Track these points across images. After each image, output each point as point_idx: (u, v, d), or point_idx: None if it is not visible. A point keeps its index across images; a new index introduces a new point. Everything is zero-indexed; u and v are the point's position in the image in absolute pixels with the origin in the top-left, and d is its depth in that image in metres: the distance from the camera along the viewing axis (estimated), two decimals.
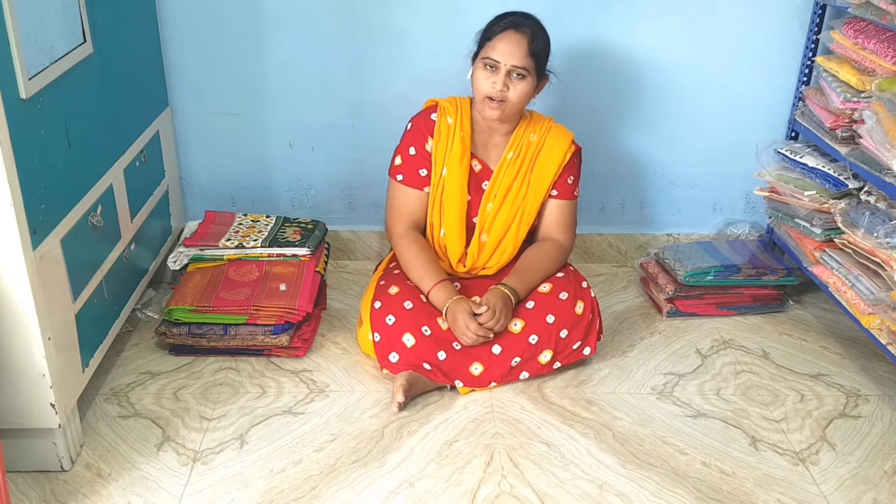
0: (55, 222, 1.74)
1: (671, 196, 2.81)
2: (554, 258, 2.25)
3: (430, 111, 2.25)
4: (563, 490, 1.82)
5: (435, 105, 2.26)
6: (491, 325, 2.08)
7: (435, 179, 2.24)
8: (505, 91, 2.10)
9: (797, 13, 2.55)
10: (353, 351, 2.31)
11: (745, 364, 2.31)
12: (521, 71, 2.09)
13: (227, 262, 2.42)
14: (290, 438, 1.97)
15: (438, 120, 2.23)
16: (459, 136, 2.21)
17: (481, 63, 2.12)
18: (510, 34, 2.09)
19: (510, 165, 2.23)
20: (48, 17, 1.71)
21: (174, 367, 2.23)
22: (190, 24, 2.51)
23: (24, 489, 1.78)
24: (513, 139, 2.23)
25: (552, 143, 2.24)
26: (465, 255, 2.29)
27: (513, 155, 2.23)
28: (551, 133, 2.25)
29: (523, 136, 2.24)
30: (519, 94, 2.11)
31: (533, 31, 2.10)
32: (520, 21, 2.11)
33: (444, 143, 2.22)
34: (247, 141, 2.68)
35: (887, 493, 1.84)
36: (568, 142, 2.25)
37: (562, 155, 2.24)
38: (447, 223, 2.26)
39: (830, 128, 2.30)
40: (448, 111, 2.23)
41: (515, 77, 2.10)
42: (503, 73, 2.09)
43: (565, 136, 2.26)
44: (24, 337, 1.65)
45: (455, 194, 2.23)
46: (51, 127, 1.72)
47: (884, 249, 2.04)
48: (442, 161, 2.23)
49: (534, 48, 2.09)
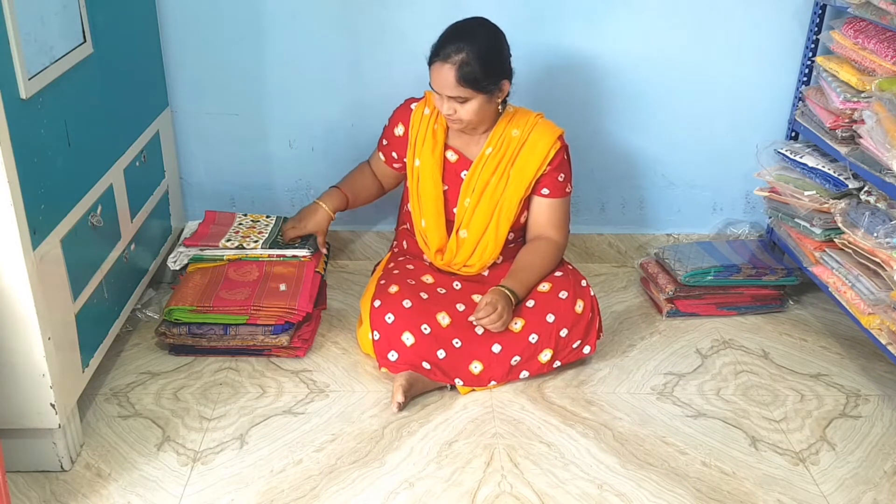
0: (55, 222, 1.74)
1: (671, 196, 2.81)
2: (549, 256, 2.25)
3: (414, 100, 2.31)
4: (563, 490, 1.82)
5: (415, 98, 2.32)
6: (492, 323, 2.08)
7: (410, 170, 2.30)
8: (453, 113, 2.12)
9: (797, 13, 2.55)
10: (353, 351, 2.31)
11: (745, 364, 2.31)
12: (458, 98, 2.09)
13: (227, 263, 2.42)
14: (290, 438, 1.97)
15: (416, 109, 2.28)
16: (433, 129, 2.25)
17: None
18: (437, 66, 2.07)
19: (489, 160, 2.23)
20: (48, 17, 1.71)
21: (174, 367, 2.23)
22: (190, 24, 2.51)
23: (24, 489, 1.78)
24: (492, 134, 2.24)
25: (536, 138, 2.22)
26: (445, 248, 2.29)
27: (492, 150, 2.23)
28: (536, 129, 2.23)
29: (504, 131, 2.23)
30: (470, 112, 2.12)
31: (463, 60, 2.03)
32: (449, 50, 2.05)
33: (415, 133, 2.27)
34: (247, 141, 2.68)
35: (887, 493, 1.84)
36: (554, 137, 2.21)
37: (546, 151, 2.20)
38: (426, 213, 2.29)
39: (830, 128, 2.30)
40: (429, 102, 2.27)
41: (458, 101, 2.10)
42: (445, 99, 2.11)
43: (552, 131, 2.22)
44: (24, 337, 1.65)
45: (429, 184, 2.26)
46: (51, 127, 1.72)
47: (884, 249, 2.04)
48: (415, 152, 2.27)
49: (462, 76, 2.05)
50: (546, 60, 2.57)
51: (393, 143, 2.34)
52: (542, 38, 2.55)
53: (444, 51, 2.07)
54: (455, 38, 2.08)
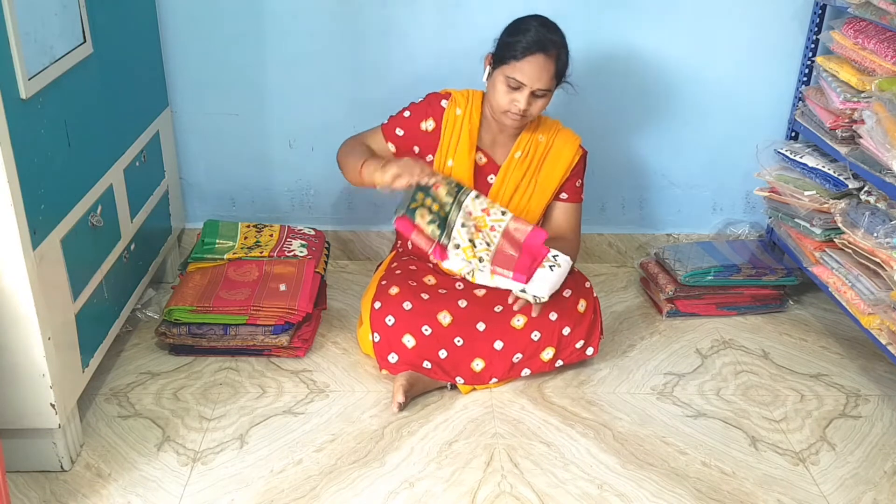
0: (55, 222, 1.74)
1: (671, 196, 2.81)
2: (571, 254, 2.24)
3: (441, 97, 2.24)
4: (563, 490, 1.82)
5: (447, 94, 2.25)
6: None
7: (441, 171, 2.23)
8: (527, 108, 2.09)
9: (797, 13, 2.55)
10: (353, 351, 2.31)
11: (745, 364, 2.31)
12: (545, 91, 2.09)
13: (227, 262, 2.42)
14: (290, 438, 1.97)
15: (449, 108, 2.22)
16: (467, 129, 2.21)
17: (503, 78, 2.07)
18: (538, 58, 2.04)
19: (518, 165, 2.23)
20: (48, 17, 1.71)
21: (174, 367, 2.23)
22: (190, 24, 2.51)
23: (24, 489, 1.78)
24: (520, 139, 2.23)
25: (561, 145, 2.25)
26: None
27: (521, 154, 2.23)
28: (559, 136, 2.26)
29: (532, 136, 2.23)
30: (539, 109, 2.12)
31: (558, 52, 2.07)
32: (547, 41, 2.05)
33: (449, 133, 2.22)
34: (247, 141, 2.68)
35: (887, 493, 1.84)
36: (576, 146, 2.26)
37: (570, 158, 2.25)
38: None
39: (830, 128, 2.30)
40: (459, 102, 2.23)
41: (538, 95, 2.09)
42: (527, 93, 2.06)
43: (573, 139, 2.27)
44: (24, 337, 1.65)
45: None
46: (51, 127, 1.72)
47: (884, 249, 2.04)
48: (447, 152, 2.23)
49: (559, 69, 2.08)
50: None
51: (416, 135, 2.23)
52: None
53: (544, 42, 2.05)
54: (549, 31, 2.08)
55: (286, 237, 2.55)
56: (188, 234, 2.76)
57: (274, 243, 2.51)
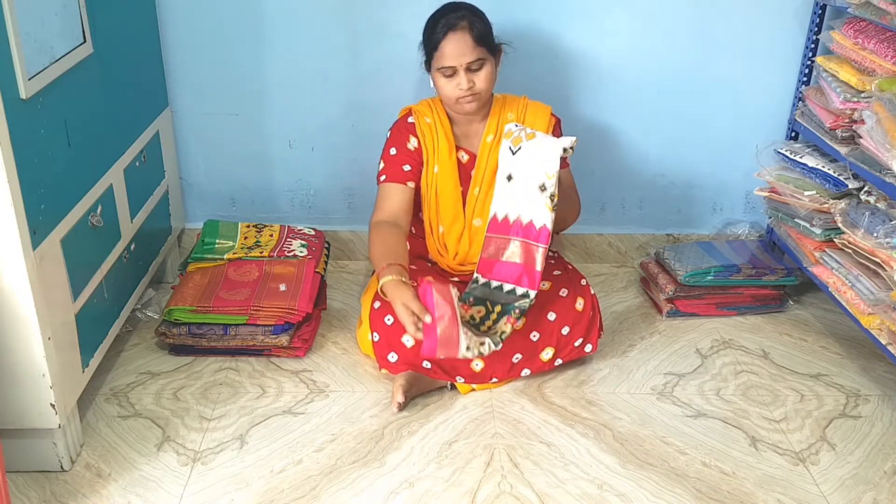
0: (55, 222, 1.74)
1: (671, 196, 2.81)
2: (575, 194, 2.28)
3: (405, 117, 2.28)
4: (563, 490, 1.82)
5: (409, 111, 2.28)
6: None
7: (427, 179, 2.25)
8: (472, 85, 2.12)
9: (797, 13, 2.55)
10: (353, 351, 2.31)
11: (745, 364, 2.31)
12: (476, 63, 2.11)
13: (227, 262, 2.43)
14: (290, 438, 1.97)
15: (417, 121, 2.25)
16: (442, 132, 2.23)
17: (438, 73, 2.13)
18: (452, 37, 2.09)
19: (493, 148, 2.23)
20: (48, 17, 1.71)
21: (174, 367, 2.23)
22: (190, 24, 2.51)
23: (24, 489, 1.78)
24: (489, 123, 2.25)
25: (532, 118, 2.25)
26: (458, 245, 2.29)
27: (492, 138, 2.24)
28: (529, 109, 2.27)
29: (501, 117, 2.25)
30: (485, 80, 2.14)
31: (469, 22, 2.10)
32: (452, 18, 2.11)
33: (430, 142, 2.24)
34: (247, 141, 2.68)
35: (887, 493, 1.84)
36: (548, 114, 2.26)
37: (544, 128, 2.24)
38: (444, 219, 2.27)
39: (830, 128, 2.30)
40: (423, 112, 2.26)
41: (475, 69, 2.12)
42: (462, 73, 2.10)
43: (543, 109, 2.27)
44: (24, 337, 1.65)
45: (449, 188, 2.25)
46: (51, 127, 1.72)
47: (884, 249, 2.04)
48: (432, 159, 2.24)
49: (476, 36, 2.10)
50: (546, 60, 2.57)
51: (412, 159, 2.24)
52: (542, 38, 2.55)
53: (450, 21, 2.10)
54: (451, 9, 2.14)
55: (286, 237, 2.55)
56: (188, 234, 2.76)
57: (274, 243, 2.51)
